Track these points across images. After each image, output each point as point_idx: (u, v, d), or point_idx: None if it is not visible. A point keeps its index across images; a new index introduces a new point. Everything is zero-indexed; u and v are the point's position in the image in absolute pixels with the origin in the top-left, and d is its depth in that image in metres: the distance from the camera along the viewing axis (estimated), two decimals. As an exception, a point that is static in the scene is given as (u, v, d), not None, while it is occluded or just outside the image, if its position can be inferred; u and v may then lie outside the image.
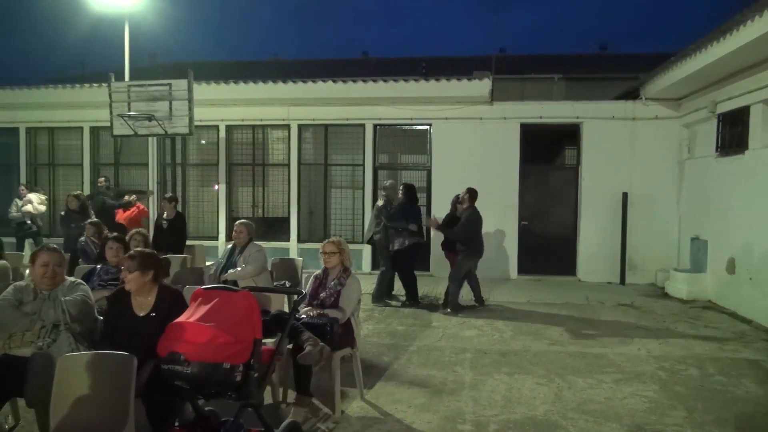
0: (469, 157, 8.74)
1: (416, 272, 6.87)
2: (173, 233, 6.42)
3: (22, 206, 8.68)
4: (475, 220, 6.38)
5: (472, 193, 6.43)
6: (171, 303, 2.81)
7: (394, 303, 6.70)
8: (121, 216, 7.88)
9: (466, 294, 6.69)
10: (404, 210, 6.60)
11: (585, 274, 8.63)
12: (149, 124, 7.57)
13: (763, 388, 4.00)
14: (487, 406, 3.57)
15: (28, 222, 8.75)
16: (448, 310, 6.27)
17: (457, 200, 6.76)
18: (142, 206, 8.36)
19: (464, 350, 4.82)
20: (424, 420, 3.35)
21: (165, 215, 6.76)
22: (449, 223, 6.66)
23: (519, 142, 8.75)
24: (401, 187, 6.82)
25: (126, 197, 8.06)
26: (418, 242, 6.69)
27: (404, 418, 3.36)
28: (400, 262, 6.62)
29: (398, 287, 6.96)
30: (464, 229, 6.31)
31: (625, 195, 8.41)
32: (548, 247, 8.87)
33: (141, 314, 2.85)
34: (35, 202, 8.73)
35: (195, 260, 6.81)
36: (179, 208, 7.25)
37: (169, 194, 7.25)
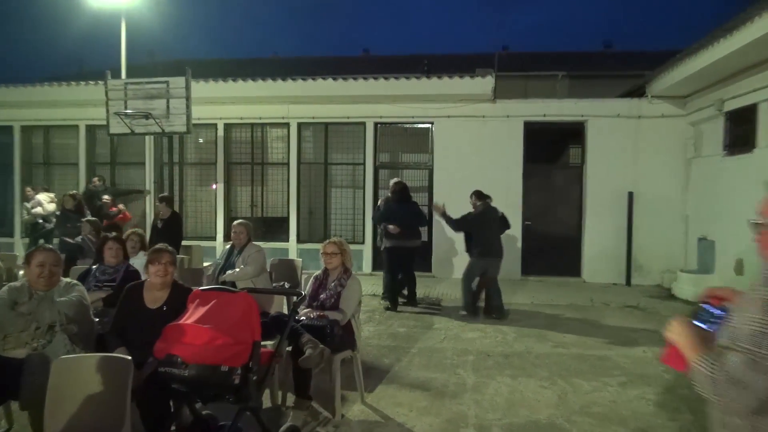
0: (471, 155, 8.74)
1: (417, 273, 6.86)
2: (168, 233, 6.42)
3: (32, 208, 8.74)
4: (483, 216, 6.09)
5: (477, 194, 6.27)
6: (181, 299, 2.82)
7: (411, 306, 6.61)
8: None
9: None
10: (389, 210, 6.55)
11: (590, 275, 8.63)
12: (146, 122, 7.57)
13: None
14: (490, 410, 3.56)
15: (40, 221, 8.81)
16: (464, 312, 6.11)
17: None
18: (129, 215, 8.42)
19: (466, 352, 4.82)
20: (425, 423, 3.34)
21: (160, 215, 6.77)
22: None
23: (522, 140, 8.75)
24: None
25: (105, 199, 8.03)
26: (400, 245, 6.38)
27: (406, 422, 3.36)
28: (388, 262, 6.59)
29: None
30: (467, 222, 6.10)
31: (630, 194, 8.40)
32: (552, 248, 8.86)
33: (153, 307, 2.95)
34: (45, 203, 8.78)
35: (193, 261, 6.80)
36: (177, 207, 7.24)
37: (164, 194, 7.24)
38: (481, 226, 6.10)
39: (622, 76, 12.28)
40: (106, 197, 8.11)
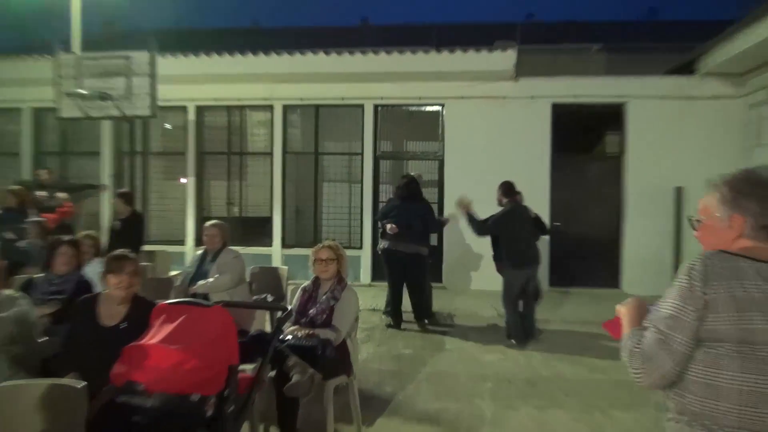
0: (489, 144, 8.72)
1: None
2: (127, 236, 6.42)
3: None
4: (508, 216, 5.92)
5: (504, 188, 6.11)
6: (144, 315, 2.82)
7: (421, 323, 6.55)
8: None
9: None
10: (389, 207, 6.59)
11: (630, 286, 8.60)
12: (103, 104, 7.57)
13: None
14: (513, 447, 3.55)
15: None
16: (512, 341, 5.91)
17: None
18: (68, 207, 8.36)
19: (484, 378, 4.80)
20: (435, 463, 3.33)
21: (118, 214, 6.78)
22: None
23: (550, 126, 8.74)
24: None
25: (39, 194, 8.00)
26: (394, 248, 6.33)
27: (411, 461, 3.34)
28: (386, 268, 6.57)
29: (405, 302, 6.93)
30: (494, 224, 5.93)
31: (679, 190, 8.38)
32: (586, 254, 8.84)
33: (109, 324, 2.94)
34: None
35: (157, 269, 6.80)
36: (138, 206, 7.24)
37: (122, 189, 7.24)
38: (507, 228, 5.93)
39: (668, 50, 12.27)
40: (40, 192, 8.05)
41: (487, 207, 6.25)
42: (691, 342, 1.50)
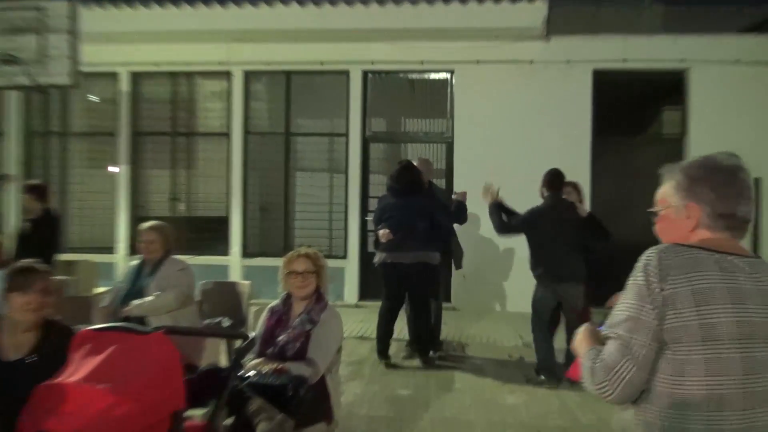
0: (511, 122, 8.75)
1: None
2: (39, 241, 6.40)
3: None
4: (542, 214, 5.90)
5: (547, 178, 6.13)
6: (60, 345, 2.82)
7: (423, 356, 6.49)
8: None
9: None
10: (383, 206, 6.59)
11: (693, 307, 8.65)
12: (8, 70, 7.53)
13: None
14: None
15: None
16: (541, 377, 5.88)
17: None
18: None
19: (505, 426, 4.81)
20: None
21: (28, 213, 6.75)
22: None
23: (591, 98, 8.79)
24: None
25: None
26: (390, 261, 6.28)
27: None
28: (384, 285, 6.54)
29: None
30: (520, 223, 5.92)
31: (757, 181, 8.42)
32: (635, 263, 8.86)
33: (14, 358, 2.92)
34: None
35: (80, 284, 6.78)
36: (54, 202, 7.20)
37: (33, 181, 7.21)
38: (536, 228, 5.91)
39: (742, 1, 12.34)
40: None
41: (516, 202, 6.28)
42: (653, 343, 1.66)
